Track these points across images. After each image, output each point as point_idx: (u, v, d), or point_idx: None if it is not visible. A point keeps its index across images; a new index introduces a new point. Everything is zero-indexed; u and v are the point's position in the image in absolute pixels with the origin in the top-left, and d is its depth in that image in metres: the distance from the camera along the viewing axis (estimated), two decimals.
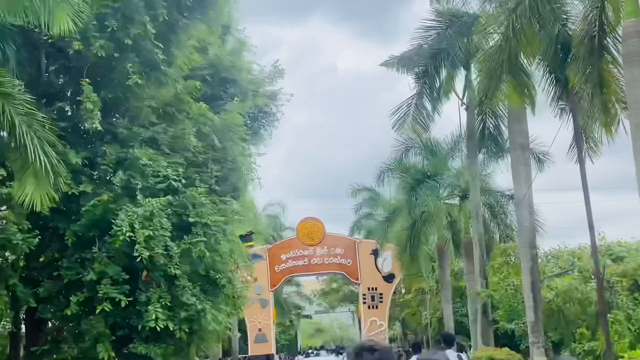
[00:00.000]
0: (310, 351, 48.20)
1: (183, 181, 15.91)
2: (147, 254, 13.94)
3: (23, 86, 12.98)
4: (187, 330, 15.21)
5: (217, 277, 16.28)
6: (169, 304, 14.88)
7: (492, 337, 22.49)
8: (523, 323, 22.95)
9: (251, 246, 31.99)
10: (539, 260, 20.14)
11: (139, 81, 14.80)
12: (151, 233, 14.13)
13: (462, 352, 21.02)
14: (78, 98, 14.95)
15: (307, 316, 71.42)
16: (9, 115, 12.29)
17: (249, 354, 37.84)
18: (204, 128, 17.19)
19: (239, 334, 38.89)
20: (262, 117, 24.49)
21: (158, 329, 14.52)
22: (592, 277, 21.63)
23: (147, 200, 14.69)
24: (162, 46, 15.08)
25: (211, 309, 15.70)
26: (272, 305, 38.76)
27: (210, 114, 17.48)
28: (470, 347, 28.40)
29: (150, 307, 14.49)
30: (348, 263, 38.38)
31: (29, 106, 12.64)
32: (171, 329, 14.81)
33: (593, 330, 21.06)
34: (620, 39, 12.00)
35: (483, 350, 20.14)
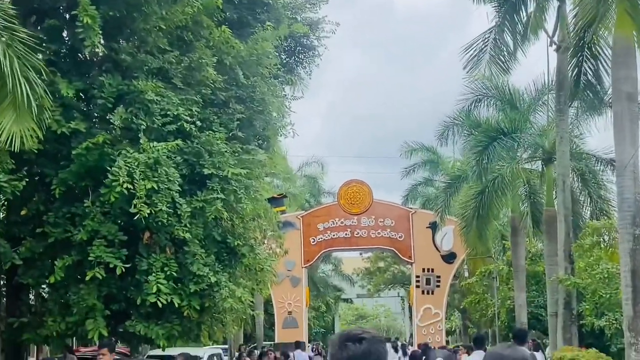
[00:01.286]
0: None
1: (198, 123, 15.25)
2: (148, 210, 13.40)
3: None
4: (197, 307, 14.70)
5: (237, 244, 15.68)
6: (175, 274, 14.31)
7: (576, 334, 21.81)
8: (615, 319, 22.27)
9: (282, 212, 31.70)
10: None
11: None
12: (155, 185, 13.53)
13: (537, 351, 20.45)
14: (73, 12, 14.31)
15: (347, 300, 71.58)
16: None
17: (276, 341, 37.71)
18: (227, 59, 16.42)
19: (263, 316, 38.77)
20: (300, 52, 23.72)
21: (161, 304, 14.05)
22: None
23: (151, 144, 14.05)
24: None
25: (228, 282, 15.13)
26: (305, 285, 38.55)
27: (236, 41, 16.71)
28: (546, 345, 27.75)
29: (151, 277, 13.94)
30: (399, 237, 37.79)
31: (9, 19, 12.16)
32: (177, 305, 14.30)
33: None
34: None
35: (565, 351, 19.51)
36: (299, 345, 29.97)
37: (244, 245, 15.86)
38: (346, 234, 38.01)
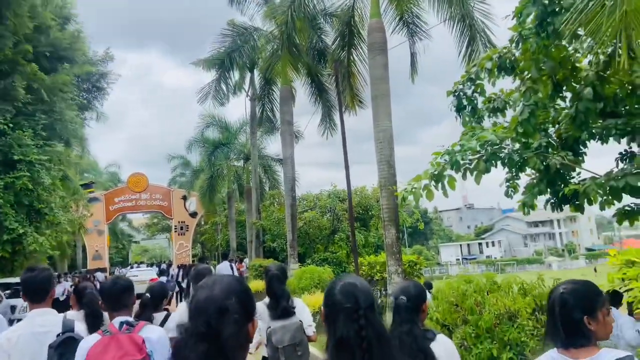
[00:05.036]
0: (136, 265, 42.72)
1: (10, 125, 11.36)
2: None
3: None
4: (9, 250, 10.91)
5: (40, 206, 12.02)
6: None
7: (262, 252, 20.74)
8: (282, 242, 21.62)
9: (91, 192, 27.12)
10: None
11: None
12: None
13: (236, 263, 18.94)
14: None
15: (136, 242, 64.77)
16: None
17: (88, 268, 32.06)
18: (34, 84, 12.50)
19: (82, 253, 32.93)
20: (95, 91, 19.59)
21: None
22: (327, 211, 20.77)
23: None
24: None
25: (33, 232, 11.48)
26: (106, 234, 33.31)
27: (42, 74, 12.79)
28: (243, 259, 26.52)
29: None
30: (165, 204, 34.13)
31: None
32: None
33: (325, 246, 20.23)
34: (363, 39, 10.38)
35: (256, 261, 18.28)
36: (102, 270, 25.33)
37: (46, 207, 12.16)
38: (132, 204, 33.50)
